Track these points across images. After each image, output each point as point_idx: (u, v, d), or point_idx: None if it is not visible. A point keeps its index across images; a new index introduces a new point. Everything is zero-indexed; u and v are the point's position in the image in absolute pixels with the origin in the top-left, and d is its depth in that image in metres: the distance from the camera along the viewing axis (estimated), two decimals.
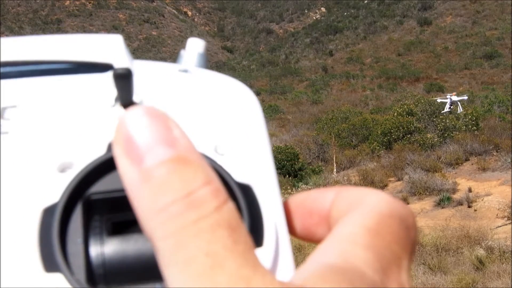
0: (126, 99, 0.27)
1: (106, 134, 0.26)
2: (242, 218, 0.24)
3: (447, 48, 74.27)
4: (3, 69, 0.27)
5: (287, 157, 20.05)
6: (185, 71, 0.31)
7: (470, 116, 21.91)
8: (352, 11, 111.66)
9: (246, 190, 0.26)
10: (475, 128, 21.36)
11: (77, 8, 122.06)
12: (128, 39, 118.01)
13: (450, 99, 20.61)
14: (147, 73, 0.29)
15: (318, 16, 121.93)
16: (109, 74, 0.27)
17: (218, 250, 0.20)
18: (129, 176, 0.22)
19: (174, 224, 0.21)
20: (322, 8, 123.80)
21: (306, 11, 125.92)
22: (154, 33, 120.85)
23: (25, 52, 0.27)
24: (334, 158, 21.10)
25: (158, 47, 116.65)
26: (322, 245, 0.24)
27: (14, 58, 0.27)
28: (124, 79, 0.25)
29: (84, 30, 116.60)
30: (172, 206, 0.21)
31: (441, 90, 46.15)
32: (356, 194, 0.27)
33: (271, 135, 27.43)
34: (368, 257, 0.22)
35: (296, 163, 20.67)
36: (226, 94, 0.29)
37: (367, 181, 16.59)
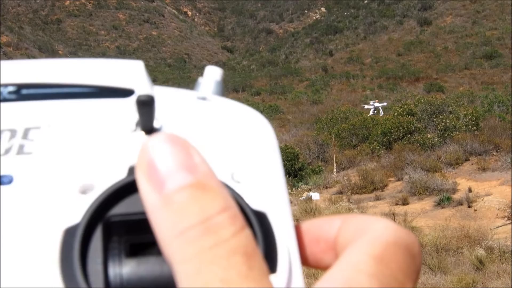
0: (147, 125, 0.28)
1: (127, 158, 0.27)
2: (257, 245, 0.24)
3: (447, 48, 74.28)
4: (28, 91, 0.28)
5: (287, 157, 20.04)
6: (203, 98, 0.31)
7: (470, 116, 21.92)
8: (352, 11, 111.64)
9: (261, 218, 0.27)
10: (475, 128, 21.37)
11: (77, 8, 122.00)
12: (128, 39, 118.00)
13: (373, 105, 25.13)
14: (166, 100, 0.30)
15: (318, 16, 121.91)
16: (131, 100, 0.28)
17: (232, 277, 0.21)
18: (150, 200, 0.23)
19: (192, 249, 0.21)
20: (322, 8, 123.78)
21: (306, 11, 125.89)
22: (154, 33, 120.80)
23: (50, 75, 0.28)
24: (334, 158, 21.10)
25: (158, 47, 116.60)
26: (328, 272, 0.24)
27: (39, 81, 0.28)
28: (146, 106, 0.26)
29: (84, 30, 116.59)
30: (190, 231, 0.21)
31: (441, 90, 46.17)
32: (362, 221, 0.27)
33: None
34: (372, 285, 0.23)
35: (296, 163, 20.67)
36: (242, 122, 0.30)
37: (367, 181, 16.59)
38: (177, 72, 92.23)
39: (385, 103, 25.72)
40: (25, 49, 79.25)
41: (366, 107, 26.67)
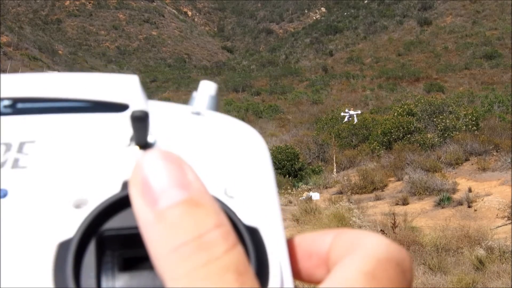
0: (141, 140, 0.28)
1: (121, 172, 0.27)
2: (249, 261, 0.25)
3: (447, 48, 74.26)
4: (23, 105, 0.28)
5: (287, 157, 20.05)
6: (198, 113, 0.31)
7: (470, 116, 21.92)
8: (352, 11, 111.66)
9: (254, 233, 0.27)
10: (475, 128, 21.37)
11: (77, 8, 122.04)
12: (128, 39, 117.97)
13: (348, 113, 29.24)
14: (161, 114, 0.30)
15: (318, 16, 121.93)
16: (125, 114, 0.28)
17: None
18: (144, 217, 0.23)
19: (184, 265, 0.21)
20: (322, 8, 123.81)
21: (306, 11, 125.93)
22: (154, 33, 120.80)
23: (45, 89, 0.28)
24: (334, 158, 21.11)
25: (158, 47, 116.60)
26: None
27: (34, 95, 0.28)
28: (141, 121, 0.26)
29: (84, 30, 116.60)
30: (183, 248, 0.22)
31: (441, 90, 46.19)
32: (354, 237, 0.27)
33: (271, 135, 27.51)
34: None
35: (296, 163, 20.67)
36: (236, 138, 0.30)
37: (367, 181, 16.60)
38: (177, 72, 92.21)
39: (359, 111, 29.04)
40: (25, 49, 79.21)
41: (342, 114, 30.20)
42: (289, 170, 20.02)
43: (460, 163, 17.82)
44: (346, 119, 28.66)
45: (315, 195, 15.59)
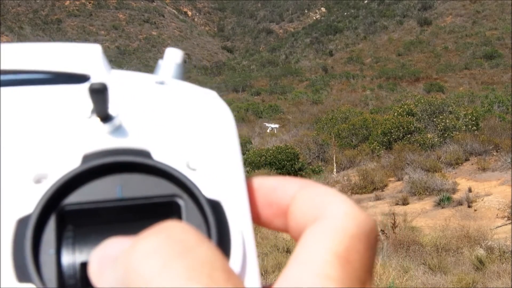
0: (101, 112, 0.27)
1: (81, 145, 0.26)
2: (211, 234, 0.25)
3: (447, 48, 74.24)
4: None
5: (287, 157, 20.04)
6: (161, 82, 0.30)
7: (470, 116, 21.92)
8: (352, 11, 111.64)
9: (216, 206, 0.26)
10: (475, 128, 21.36)
11: (77, 8, 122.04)
12: (128, 39, 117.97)
13: (270, 126, 33.36)
14: (123, 85, 0.29)
15: (318, 16, 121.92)
16: (86, 86, 0.27)
17: None
18: None
19: None
20: (322, 8, 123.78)
21: (306, 11, 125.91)
22: (154, 33, 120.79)
23: (3, 61, 0.27)
24: (334, 158, 21.10)
25: (158, 47, 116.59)
26: (292, 271, 0.23)
27: None
28: (99, 94, 0.25)
29: (84, 30, 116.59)
30: None
31: (441, 90, 46.18)
32: (320, 196, 0.26)
33: (271, 135, 27.52)
34: None
35: (296, 163, 20.67)
36: (200, 108, 0.30)
37: (367, 181, 16.60)
38: None
39: (277, 125, 33.10)
40: None
41: (266, 125, 34.06)
42: (289, 170, 20.01)
43: (460, 163, 17.82)
44: (268, 130, 31.96)
45: None
